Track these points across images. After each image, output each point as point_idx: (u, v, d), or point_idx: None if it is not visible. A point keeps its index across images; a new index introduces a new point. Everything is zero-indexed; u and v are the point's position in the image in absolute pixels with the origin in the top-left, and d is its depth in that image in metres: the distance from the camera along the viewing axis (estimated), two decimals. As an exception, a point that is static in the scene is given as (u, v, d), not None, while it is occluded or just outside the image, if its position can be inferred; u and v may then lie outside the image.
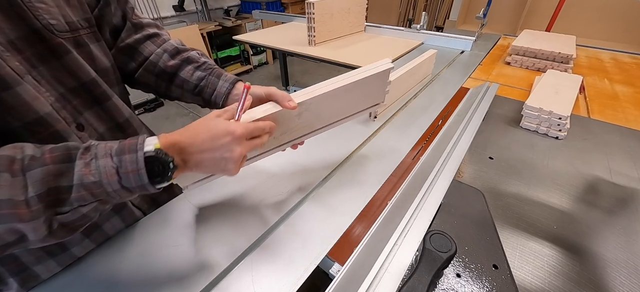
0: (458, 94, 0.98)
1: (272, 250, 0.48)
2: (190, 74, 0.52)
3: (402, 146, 0.72)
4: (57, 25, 0.38)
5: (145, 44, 0.53)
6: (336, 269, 0.46)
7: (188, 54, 0.54)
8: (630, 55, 1.38)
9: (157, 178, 0.33)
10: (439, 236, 0.43)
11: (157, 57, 0.53)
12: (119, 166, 0.31)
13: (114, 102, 0.47)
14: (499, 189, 0.61)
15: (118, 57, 0.51)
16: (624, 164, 0.66)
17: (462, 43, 1.42)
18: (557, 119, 0.73)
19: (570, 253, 0.48)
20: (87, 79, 0.42)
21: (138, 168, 0.31)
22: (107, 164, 0.31)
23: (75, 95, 0.41)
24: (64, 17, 0.39)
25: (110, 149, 0.32)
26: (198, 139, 0.35)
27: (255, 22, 3.32)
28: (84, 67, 0.41)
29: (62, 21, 0.38)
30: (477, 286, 0.41)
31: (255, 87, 0.47)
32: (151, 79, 0.54)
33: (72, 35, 0.40)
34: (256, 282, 0.43)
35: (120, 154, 0.31)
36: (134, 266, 0.46)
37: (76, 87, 0.41)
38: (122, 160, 0.31)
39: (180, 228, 0.52)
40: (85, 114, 0.43)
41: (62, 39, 0.38)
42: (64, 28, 0.39)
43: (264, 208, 0.55)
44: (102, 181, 0.31)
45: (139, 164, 0.31)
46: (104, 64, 0.46)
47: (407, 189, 0.56)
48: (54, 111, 0.37)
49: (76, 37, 0.41)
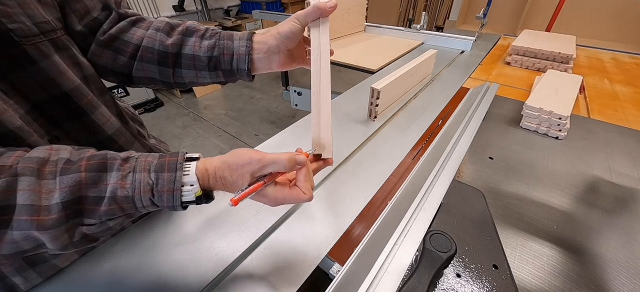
0: (458, 94, 0.98)
1: (272, 250, 0.48)
2: (197, 47, 0.44)
3: (402, 146, 0.72)
4: (19, 30, 0.32)
5: (131, 31, 0.44)
6: (336, 269, 0.45)
7: (185, 26, 0.45)
8: (630, 55, 1.38)
9: (191, 204, 0.32)
10: (439, 236, 0.43)
11: (150, 40, 0.43)
12: (155, 183, 0.30)
13: (93, 118, 0.41)
14: (499, 189, 0.61)
15: (101, 53, 0.43)
16: (624, 164, 0.66)
17: (462, 43, 1.42)
18: (557, 119, 0.73)
19: (570, 253, 0.48)
20: (60, 92, 0.36)
21: (174, 188, 0.30)
22: (144, 179, 0.29)
23: (49, 108, 0.36)
24: (32, 18, 0.33)
25: (149, 164, 0.30)
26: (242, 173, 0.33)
27: (255, 22, 3.32)
28: (61, 77, 0.36)
29: (28, 23, 0.32)
30: (477, 286, 0.41)
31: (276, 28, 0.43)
32: (152, 69, 0.44)
33: (48, 38, 0.35)
34: (256, 283, 0.43)
35: (159, 170, 0.30)
36: (134, 266, 0.46)
37: (48, 100, 0.36)
38: (159, 177, 0.30)
39: (179, 228, 0.51)
40: (64, 125, 0.39)
41: (29, 45, 0.33)
42: (30, 32, 0.33)
43: (263, 208, 0.55)
44: (134, 196, 0.29)
45: (175, 184, 0.30)
46: (92, 69, 0.42)
47: (407, 189, 0.56)
48: (24, 124, 0.33)
49: (54, 40, 0.36)
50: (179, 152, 0.32)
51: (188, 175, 0.31)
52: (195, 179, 0.31)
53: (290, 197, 0.35)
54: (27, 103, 0.34)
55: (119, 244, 0.49)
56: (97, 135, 0.43)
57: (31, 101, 0.35)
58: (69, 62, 0.37)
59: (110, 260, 0.46)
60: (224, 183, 0.33)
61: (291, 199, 0.35)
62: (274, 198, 0.35)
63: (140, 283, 0.43)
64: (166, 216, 0.54)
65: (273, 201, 0.35)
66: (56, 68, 0.36)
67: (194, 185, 0.31)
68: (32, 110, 0.35)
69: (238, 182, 0.33)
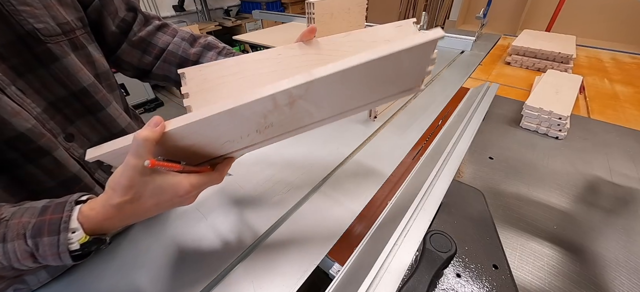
0: (458, 94, 0.98)
1: (272, 250, 0.48)
2: (214, 60, 0.48)
3: (402, 146, 0.72)
4: (45, 30, 0.34)
5: (157, 35, 0.51)
6: (336, 269, 0.45)
7: (206, 40, 0.52)
8: (630, 55, 1.38)
9: (85, 257, 0.28)
10: (439, 236, 0.43)
11: (176, 46, 0.51)
12: (34, 249, 0.26)
13: (109, 112, 0.44)
14: (499, 189, 0.61)
15: (129, 51, 0.49)
16: (624, 164, 0.66)
17: (462, 43, 1.42)
18: (557, 119, 0.73)
19: (570, 253, 0.48)
20: (79, 88, 0.39)
21: (59, 252, 0.26)
22: (19, 248, 0.26)
23: (66, 105, 0.38)
24: (55, 19, 0.36)
25: (23, 228, 0.26)
26: (141, 208, 0.28)
27: (255, 22, 3.32)
28: (79, 74, 0.38)
29: (52, 24, 0.35)
30: (477, 286, 0.41)
31: None
32: (171, 70, 0.52)
33: (67, 38, 0.37)
34: (256, 283, 0.43)
35: (38, 235, 0.26)
36: (131, 267, 0.46)
37: (67, 97, 0.38)
38: (39, 244, 0.26)
39: (178, 229, 0.52)
40: (78, 122, 0.40)
41: (53, 44, 0.35)
42: (54, 31, 0.35)
43: (263, 208, 0.55)
44: (13, 264, 0.26)
45: (60, 248, 0.26)
46: (104, 67, 0.44)
47: (407, 189, 0.56)
48: (38, 124, 0.34)
49: (72, 39, 0.38)
50: (66, 203, 0.27)
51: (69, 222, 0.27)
52: (77, 224, 0.27)
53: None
54: (44, 101, 0.36)
55: (124, 242, 0.49)
56: (111, 129, 0.45)
57: (49, 99, 0.36)
58: (84, 60, 0.40)
59: (115, 259, 0.47)
60: (122, 207, 0.27)
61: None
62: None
63: (142, 280, 0.43)
64: (170, 216, 0.54)
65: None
66: (75, 65, 0.38)
67: (77, 232, 0.27)
68: (49, 108, 0.37)
69: (139, 188, 0.27)
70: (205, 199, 0.57)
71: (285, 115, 0.33)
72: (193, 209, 0.55)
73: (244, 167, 0.65)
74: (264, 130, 0.34)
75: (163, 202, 0.29)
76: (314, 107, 0.34)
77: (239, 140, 0.34)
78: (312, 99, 0.32)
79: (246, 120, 0.31)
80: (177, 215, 0.54)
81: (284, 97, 0.30)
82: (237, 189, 0.59)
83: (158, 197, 0.28)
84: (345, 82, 0.32)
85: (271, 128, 0.34)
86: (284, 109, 0.31)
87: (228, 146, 0.34)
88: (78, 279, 0.44)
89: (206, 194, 0.58)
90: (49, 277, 0.44)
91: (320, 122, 0.38)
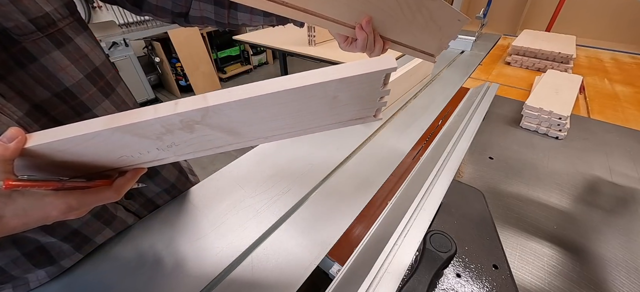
0: (458, 94, 0.98)
1: (272, 250, 0.48)
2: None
3: (402, 146, 0.72)
4: (16, 28, 0.31)
5: None
6: (336, 269, 0.46)
7: None
8: (630, 55, 1.38)
9: None
10: (439, 236, 0.43)
11: None
12: None
13: (96, 113, 0.39)
14: (499, 189, 0.61)
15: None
16: (624, 164, 0.66)
17: (462, 43, 1.42)
18: (557, 119, 0.73)
19: (570, 253, 0.48)
20: (61, 88, 0.35)
21: None
22: None
23: (51, 106, 0.35)
24: (26, 14, 0.31)
25: None
26: (5, 227, 0.24)
27: (255, 22, 3.32)
28: (60, 73, 0.35)
29: (23, 20, 0.31)
30: (477, 286, 0.41)
31: None
32: (209, 9, 0.46)
33: (45, 34, 0.33)
34: (256, 283, 0.43)
35: None
36: (130, 268, 0.46)
37: (50, 98, 0.35)
38: None
39: (178, 229, 0.52)
40: (67, 123, 0.37)
41: (28, 43, 0.32)
42: (27, 29, 0.31)
43: (263, 208, 0.55)
44: None
45: None
46: (100, 59, 0.40)
47: (407, 189, 0.56)
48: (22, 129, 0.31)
49: (52, 34, 0.34)
50: None
51: None
52: None
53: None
54: (27, 104, 0.33)
55: (120, 244, 0.49)
56: None
57: (32, 101, 0.34)
58: (71, 56, 0.36)
59: (109, 261, 0.47)
60: None
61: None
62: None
63: (138, 282, 0.43)
64: (165, 218, 0.54)
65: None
66: (56, 64, 0.34)
67: None
68: (33, 111, 0.34)
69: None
70: (206, 199, 0.57)
71: (187, 137, 0.28)
72: (193, 209, 0.55)
73: (244, 168, 0.65)
74: (167, 148, 0.29)
75: (33, 222, 0.25)
76: (223, 132, 0.29)
77: (139, 156, 0.29)
78: (216, 125, 0.27)
79: (135, 140, 0.26)
80: (177, 215, 0.54)
81: (174, 122, 0.25)
82: (236, 189, 0.59)
83: (25, 218, 0.25)
84: (257, 111, 0.27)
85: (176, 147, 0.29)
86: (182, 132, 0.27)
87: (127, 160, 0.29)
88: (78, 279, 0.44)
89: (206, 194, 0.58)
90: (47, 277, 0.44)
91: (245, 143, 0.32)
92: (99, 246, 0.48)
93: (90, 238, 0.46)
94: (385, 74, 0.26)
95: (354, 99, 0.29)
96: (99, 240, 0.48)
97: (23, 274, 0.41)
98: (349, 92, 0.28)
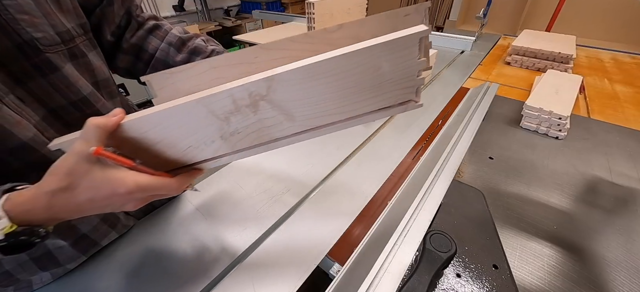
0: (458, 94, 0.98)
1: (272, 250, 0.48)
2: None
3: (402, 146, 0.72)
4: (44, 39, 0.33)
5: (148, 39, 0.48)
6: (336, 269, 0.46)
7: (194, 44, 0.49)
8: (630, 55, 1.38)
9: (18, 251, 0.27)
10: (439, 236, 0.43)
11: (163, 53, 0.48)
12: None
13: None
14: (499, 189, 0.61)
15: (123, 58, 0.48)
16: (624, 164, 0.66)
17: (462, 43, 1.42)
18: (557, 119, 0.73)
19: (570, 253, 0.48)
20: (79, 97, 0.37)
21: None
22: None
23: (66, 113, 0.37)
24: (55, 27, 0.34)
25: None
26: (73, 201, 0.26)
27: (255, 22, 3.32)
28: (78, 83, 0.37)
29: (51, 32, 0.34)
30: (477, 286, 0.41)
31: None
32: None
33: (67, 47, 0.36)
34: (256, 283, 0.43)
35: None
36: (131, 269, 0.46)
37: (66, 105, 0.37)
38: None
39: (178, 230, 0.52)
40: (77, 129, 0.39)
41: (51, 54, 0.34)
42: (53, 41, 0.34)
43: (263, 209, 0.55)
44: None
45: None
46: (104, 74, 0.42)
47: (407, 189, 0.56)
48: (38, 133, 0.34)
49: (72, 48, 0.37)
50: None
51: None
52: (1, 212, 0.25)
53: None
54: (43, 109, 0.35)
55: (121, 245, 0.49)
56: None
57: (48, 107, 0.36)
58: (82, 69, 0.39)
59: (109, 261, 0.47)
60: (62, 197, 0.26)
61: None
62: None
63: (138, 282, 0.43)
64: (165, 219, 0.54)
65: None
66: (74, 74, 0.37)
67: (2, 220, 0.25)
68: (48, 116, 0.36)
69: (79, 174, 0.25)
70: (206, 199, 0.57)
71: (250, 121, 0.31)
72: (193, 209, 0.55)
73: (244, 168, 0.65)
74: (229, 137, 0.32)
75: (99, 200, 0.27)
76: (281, 114, 0.31)
77: (203, 148, 0.32)
78: (277, 103, 0.30)
79: (207, 120, 0.29)
80: (177, 215, 0.54)
81: (244, 95, 0.28)
82: (235, 190, 0.59)
83: (94, 192, 0.26)
84: (312, 85, 0.29)
85: (238, 136, 0.32)
86: (247, 112, 0.30)
87: (191, 153, 0.32)
88: (79, 279, 0.45)
89: (206, 195, 0.58)
90: (51, 278, 0.44)
91: (293, 137, 0.34)
92: (100, 251, 0.48)
93: (98, 242, 0.46)
94: (420, 38, 0.27)
95: (395, 73, 0.30)
96: (104, 243, 0.48)
97: (28, 276, 0.41)
98: (390, 61, 0.29)
